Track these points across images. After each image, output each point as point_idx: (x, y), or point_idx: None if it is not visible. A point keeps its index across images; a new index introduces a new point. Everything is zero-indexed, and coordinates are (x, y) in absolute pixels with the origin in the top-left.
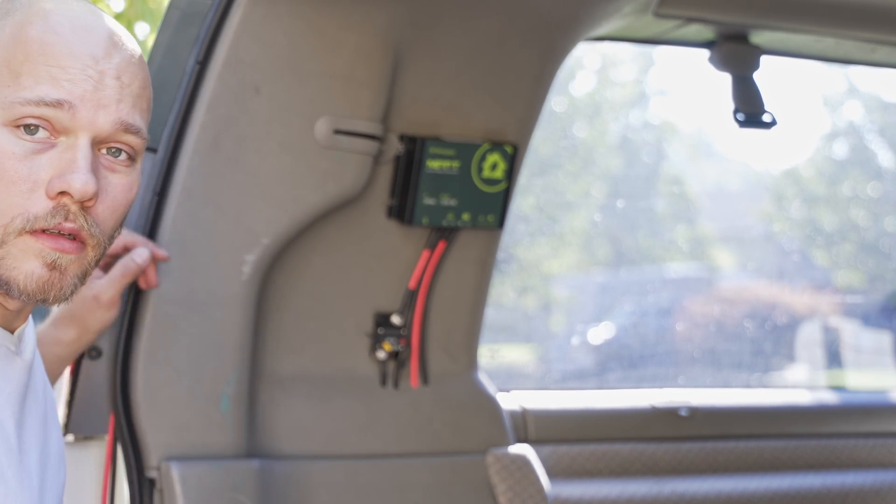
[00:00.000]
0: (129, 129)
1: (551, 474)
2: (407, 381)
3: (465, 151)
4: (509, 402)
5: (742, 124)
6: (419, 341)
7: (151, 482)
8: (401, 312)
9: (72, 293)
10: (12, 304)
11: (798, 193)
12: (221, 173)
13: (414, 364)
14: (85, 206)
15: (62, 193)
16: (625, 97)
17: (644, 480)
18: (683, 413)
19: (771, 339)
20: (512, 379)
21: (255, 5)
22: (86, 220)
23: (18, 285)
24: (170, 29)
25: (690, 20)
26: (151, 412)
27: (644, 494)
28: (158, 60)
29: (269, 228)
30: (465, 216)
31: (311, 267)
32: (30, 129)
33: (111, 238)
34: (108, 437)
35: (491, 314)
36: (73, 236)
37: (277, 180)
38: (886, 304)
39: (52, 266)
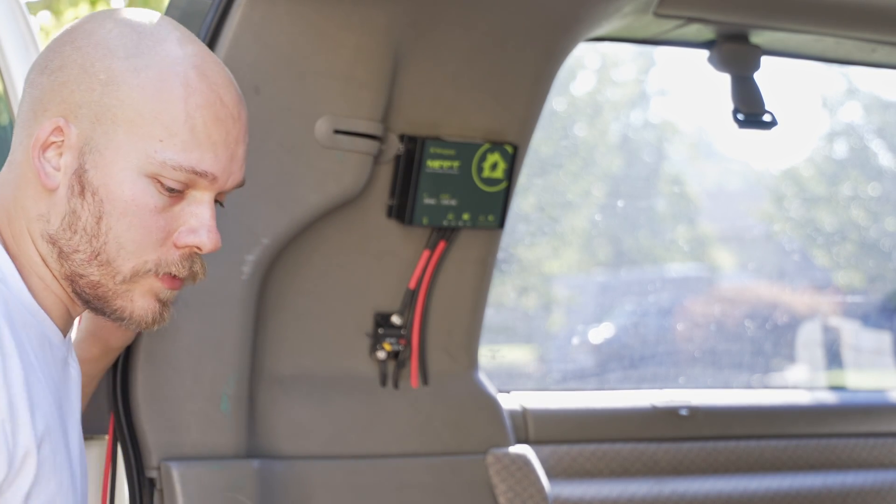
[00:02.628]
0: (238, 186)
1: (551, 474)
2: (407, 381)
3: (465, 151)
4: (509, 402)
5: (742, 124)
6: (419, 341)
7: (151, 482)
8: (401, 312)
9: (167, 321)
10: (78, 310)
11: (798, 193)
12: None
13: (414, 364)
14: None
15: (193, 247)
16: (625, 97)
17: (644, 480)
18: (683, 413)
19: (771, 339)
20: (512, 379)
21: (255, 5)
22: (201, 264)
23: (133, 318)
24: None
25: (690, 20)
26: (151, 412)
27: (644, 494)
28: None
29: (269, 228)
30: (466, 216)
31: (311, 267)
32: (168, 189)
33: None
34: (108, 437)
35: (491, 314)
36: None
37: (277, 180)
38: (886, 304)
39: (164, 301)
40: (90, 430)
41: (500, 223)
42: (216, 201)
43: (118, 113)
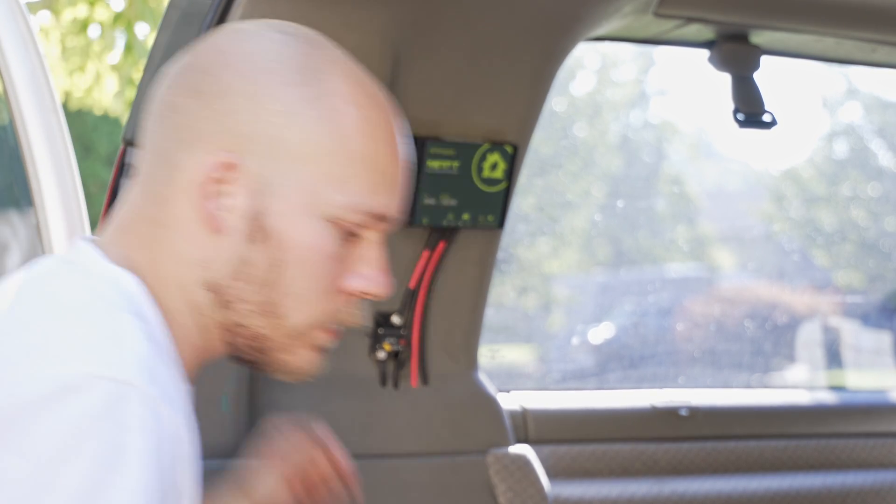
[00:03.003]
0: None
1: (551, 474)
2: (407, 381)
3: (465, 151)
4: (509, 402)
5: (742, 124)
6: (419, 341)
7: None
8: (401, 312)
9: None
10: (211, 357)
11: (798, 193)
12: None
13: (414, 364)
14: None
15: (365, 293)
16: (625, 97)
17: (644, 480)
18: (683, 413)
19: (771, 339)
20: (512, 379)
21: (255, 5)
22: (360, 309)
23: (288, 369)
24: (170, 29)
25: (690, 20)
26: None
27: (644, 494)
28: (158, 60)
29: None
30: (466, 216)
31: None
32: (343, 231)
33: None
34: None
35: (491, 314)
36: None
37: None
38: (886, 304)
39: (324, 352)
40: None
41: (500, 223)
42: None
43: (295, 148)
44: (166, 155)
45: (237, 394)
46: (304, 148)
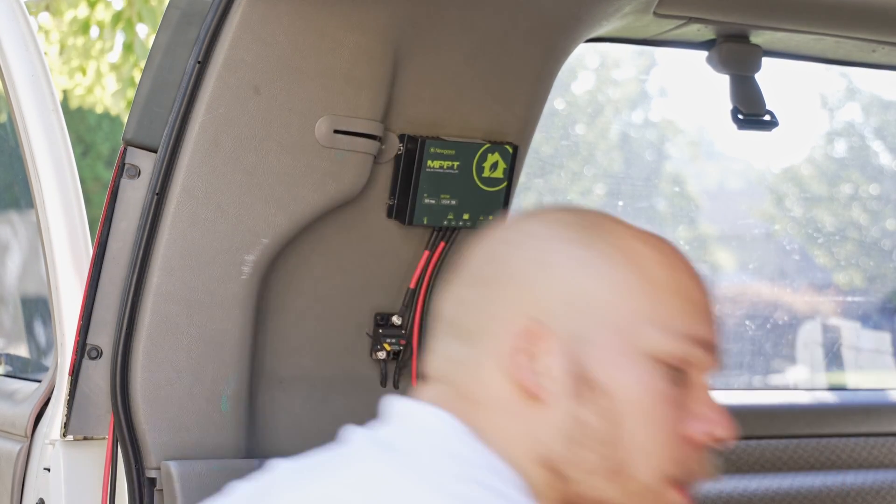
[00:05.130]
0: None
1: None
2: (407, 381)
3: (465, 151)
4: None
5: (742, 124)
6: (419, 341)
7: (151, 482)
8: (401, 312)
9: None
10: None
11: (798, 193)
12: (221, 173)
13: (414, 364)
14: None
15: (707, 441)
16: (626, 96)
17: None
18: None
19: (771, 339)
20: None
21: (255, 5)
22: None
23: None
24: (170, 29)
25: (690, 20)
26: (151, 412)
27: None
28: (158, 60)
29: (269, 228)
30: (466, 216)
31: (311, 267)
32: (671, 369)
33: None
34: (108, 438)
35: None
36: None
37: (277, 180)
38: (886, 304)
39: None
40: (90, 430)
41: None
42: None
43: (599, 295)
44: (465, 347)
45: (237, 394)
46: (608, 293)
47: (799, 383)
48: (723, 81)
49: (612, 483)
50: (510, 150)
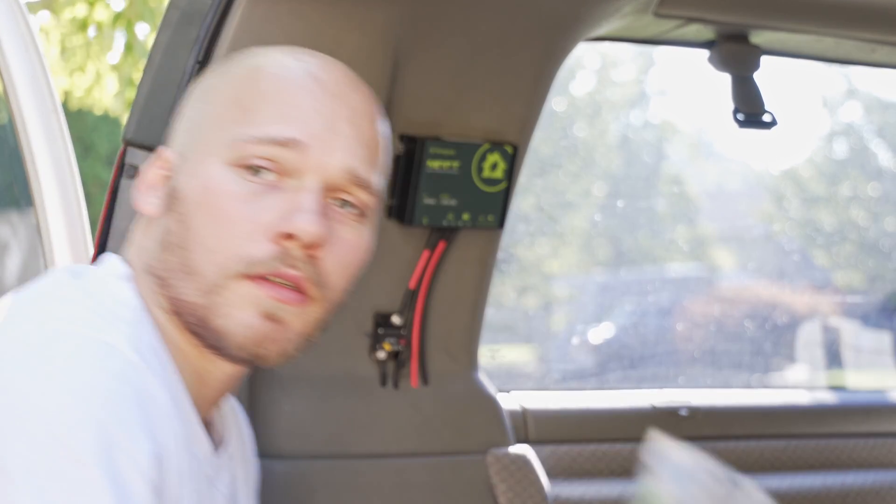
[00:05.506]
0: (359, 181)
1: (551, 474)
2: (407, 381)
3: (465, 151)
4: (509, 402)
5: (742, 124)
6: (419, 341)
7: None
8: (401, 312)
9: (289, 354)
10: (213, 374)
11: (798, 193)
12: None
13: (414, 364)
14: (311, 253)
15: (287, 237)
16: (625, 97)
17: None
18: (683, 413)
19: (771, 339)
20: (512, 379)
21: (255, 5)
22: (311, 268)
23: (232, 336)
24: (170, 29)
25: (690, 20)
26: None
27: None
28: (158, 60)
29: None
30: (465, 216)
31: None
32: (255, 170)
33: (338, 303)
34: None
35: (491, 314)
36: (296, 286)
37: None
38: (886, 304)
39: (271, 317)
40: None
41: (500, 223)
42: (343, 200)
43: (205, 117)
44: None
45: (237, 394)
46: (212, 111)
47: (799, 383)
48: (722, 81)
49: (188, 282)
50: (510, 151)
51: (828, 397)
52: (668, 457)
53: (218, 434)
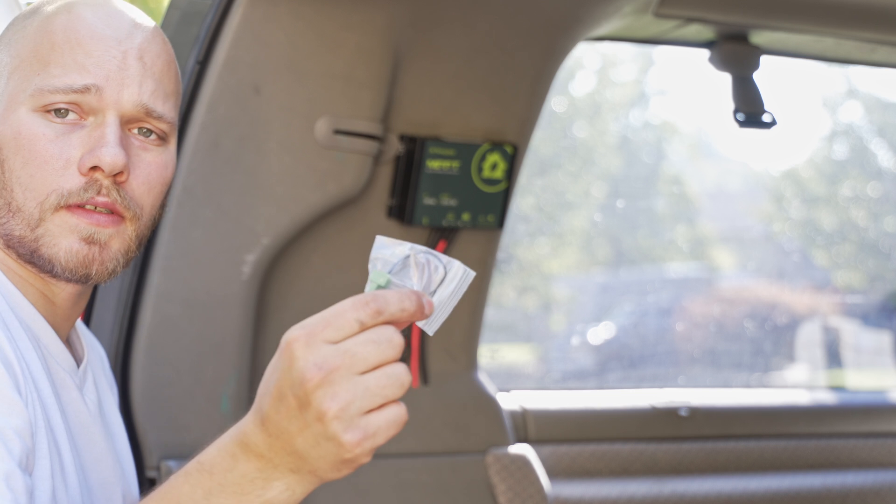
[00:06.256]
0: (150, 113)
1: (551, 474)
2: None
3: (465, 151)
4: (509, 402)
5: (742, 124)
6: (419, 341)
7: (152, 482)
8: None
9: (114, 270)
10: (59, 295)
11: (798, 193)
12: (221, 173)
13: (414, 364)
14: (117, 180)
15: (94, 169)
16: (625, 97)
17: (644, 480)
18: (683, 413)
19: (771, 339)
20: (512, 379)
21: (255, 5)
22: (119, 193)
23: (60, 262)
24: (170, 29)
25: (690, 20)
26: (151, 412)
27: (644, 494)
28: None
29: (269, 228)
30: (465, 216)
31: (311, 267)
32: (59, 112)
33: (152, 217)
34: None
35: (491, 314)
36: (110, 211)
37: (277, 180)
38: (886, 304)
39: (91, 240)
40: None
41: (500, 223)
42: (144, 129)
43: (9, 65)
44: None
45: (237, 394)
46: (12, 62)
47: (799, 383)
48: (722, 81)
49: (15, 219)
50: (510, 151)
51: (828, 397)
52: (387, 246)
53: (77, 352)
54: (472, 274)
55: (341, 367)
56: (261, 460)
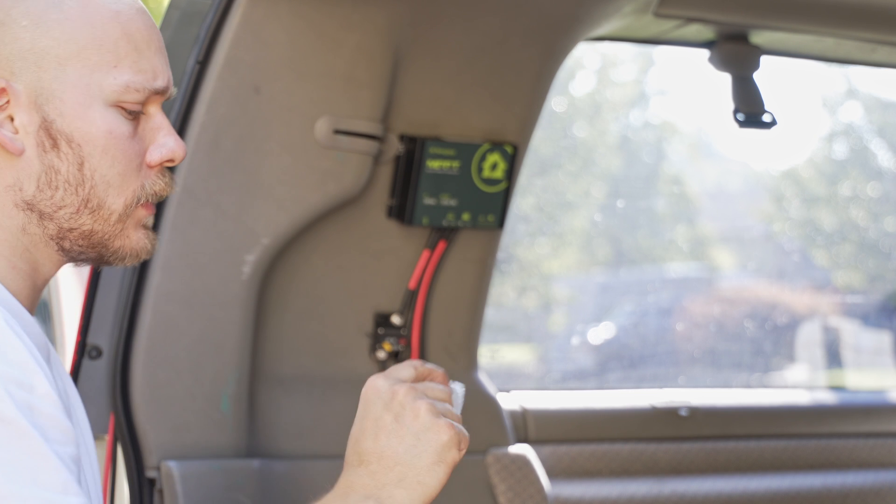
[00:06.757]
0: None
1: (551, 474)
2: None
3: (465, 151)
4: (509, 402)
5: (742, 124)
6: (419, 341)
7: (151, 482)
8: (401, 312)
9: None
10: (46, 276)
11: (798, 193)
12: (221, 173)
13: None
14: (167, 166)
15: (167, 161)
16: (625, 97)
17: (644, 480)
18: (683, 413)
19: (771, 339)
20: (512, 379)
21: (255, 5)
22: (170, 177)
23: (128, 252)
24: (170, 29)
25: (690, 20)
26: (151, 412)
27: (644, 494)
28: None
29: (269, 228)
30: (465, 216)
31: (311, 267)
32: (133, 112)
33: None
34: (108, 437)
35: (491, 314)
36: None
37: (277, 180)
38: (886, 304)
39: (148, 227)
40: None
41: (500, 223)
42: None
43: (58, 52)
44: None
45: (237, 394)
46: (66, 48)
47: (799, 383)
48: (722, 81)
49: (90, 216)
50: (510, 151)
51: (828, 397)
52: None
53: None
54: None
55: (416, 386)
56: (369, 498)
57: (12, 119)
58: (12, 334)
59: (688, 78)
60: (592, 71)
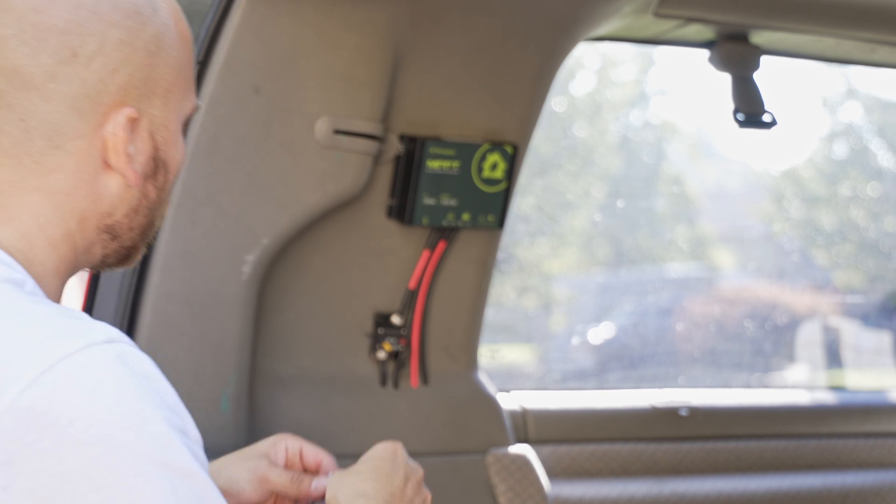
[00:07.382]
0: None
1: (551, 474)
2: (407, 381)
3: (465, 151)
4: (509, 402)
5: (742, 124)
6: (419, 341)
7: None
8: (401, 312)
9: None
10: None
11: (798, 193)
12: (221, 173)
13: (414, 364)
14: None
15: None
16: (625, 97)
17: (644, 480)
18: (683, 413)
19: (771, 339)
20: (512, 379)
21: (255, 5)
22: None
23: (138, 258)
24: None
25: (690, 20)
26: None
27: (644, 494)
28: None
29: (269, 228)
30: (466, 216)
31: (311, 267)
32: None
33: None
34: None
35: (491, 314)
36: None
37: (277, 180)
38: (886, 304)
39: None
40: None
41: (500, 223)
42: None
43: (168, 79)
44: (57, 128)
45: (237, 394)
46: (172, 75)
47: (799, 383)
48: (722, 81)
49: (148, 234)
50: (510, 151)
51: (828, 397)
52: None
53: None
54: None
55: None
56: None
57: (135, 151)
58: (162, 375)
59: (688, 78)
60: (592, 71)
